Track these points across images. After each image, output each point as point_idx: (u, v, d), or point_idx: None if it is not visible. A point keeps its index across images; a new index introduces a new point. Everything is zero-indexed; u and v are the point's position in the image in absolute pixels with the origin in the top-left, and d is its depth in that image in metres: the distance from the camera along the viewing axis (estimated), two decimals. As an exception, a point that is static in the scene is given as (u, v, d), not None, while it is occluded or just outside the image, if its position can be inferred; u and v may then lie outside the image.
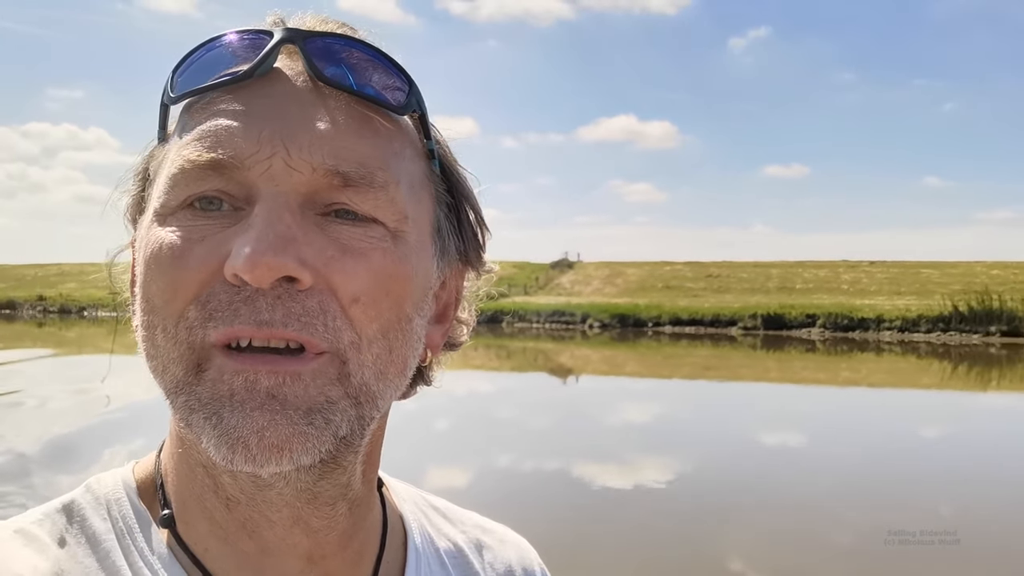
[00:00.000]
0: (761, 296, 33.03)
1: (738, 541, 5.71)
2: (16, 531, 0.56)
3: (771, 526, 6.05)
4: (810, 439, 9.96)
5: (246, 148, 0.52)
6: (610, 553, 5.16)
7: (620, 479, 7.39)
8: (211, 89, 0.54)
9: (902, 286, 35.02)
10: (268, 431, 0.49)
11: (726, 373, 17.53)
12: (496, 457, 8.31)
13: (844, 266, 40.48)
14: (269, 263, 0.49)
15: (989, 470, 7.95)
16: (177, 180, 0.53)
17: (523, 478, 7.46)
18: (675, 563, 5.20)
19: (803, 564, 5.23)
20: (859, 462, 8.25)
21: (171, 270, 0.52)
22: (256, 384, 0.50)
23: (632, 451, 8.88)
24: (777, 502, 6.67)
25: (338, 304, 0.52)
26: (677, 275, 40.39)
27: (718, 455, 8.56)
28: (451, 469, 7.72)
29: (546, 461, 8.18)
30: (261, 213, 0.51)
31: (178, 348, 0.52)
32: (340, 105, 0.55)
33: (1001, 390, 15.78)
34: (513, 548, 0.74)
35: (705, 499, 6.77)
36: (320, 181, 0.52)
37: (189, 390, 0.51)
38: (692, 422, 11.17)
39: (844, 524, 6.10)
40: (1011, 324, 22.68)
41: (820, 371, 18.51)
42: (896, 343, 23.65)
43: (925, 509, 6.46)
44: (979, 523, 6.00)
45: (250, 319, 0.50)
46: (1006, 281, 32.43)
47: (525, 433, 9.87)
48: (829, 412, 12.31)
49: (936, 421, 11.56)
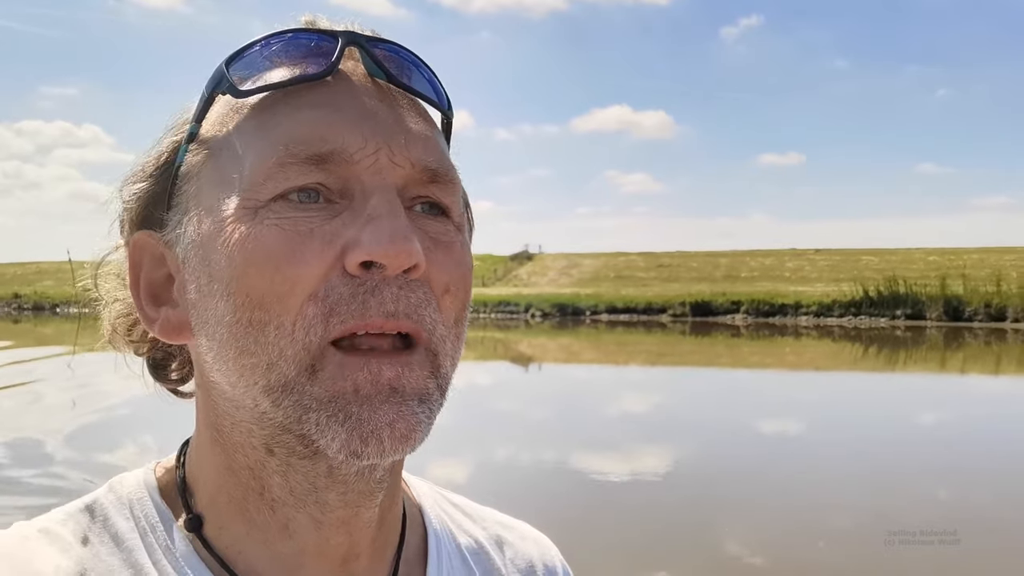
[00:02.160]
0: (707, 284, 34.13)
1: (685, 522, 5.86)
2: (40, 530, 0.56)
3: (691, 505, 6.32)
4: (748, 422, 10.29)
5: (353, 143, 0.52)
6: (574, 536, 5.02)
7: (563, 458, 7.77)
8: (286, 85, 0.55)
9: (841, 273, 36.23)
10: (398, 423, 0.51)
11: (674, 359, 18.81)
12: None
13: (790, 254, 41.61)
14: (409, 249, 0.50)
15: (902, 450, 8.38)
16: (272, 174, 0.52)
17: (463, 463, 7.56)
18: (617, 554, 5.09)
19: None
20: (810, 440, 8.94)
21: (288, 265, 0.51)
22: (380, 377, 0.51)
23: (601, 434, 9.11)
24: (713, 478, 7.03)
25: (434, 295, 0.54)
26: (630, 265, 41.57)
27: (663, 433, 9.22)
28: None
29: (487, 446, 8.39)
30: (383, 205, 0.52)
31: (293, 347, 0.51)
32: (409, 106, 0.57)
33: (908, 371, 17.04)
34: (534, 544, 0.74)
35: (648, 480, 7.06)
36: (415, 176, 0.54)
37: (301, 390, 0.51)
38: (650, 407, 11.80)
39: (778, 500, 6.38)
40: (915, 308, 23.90)
41: (767, 356, 19.72)
42: (812, 327, 24.90)
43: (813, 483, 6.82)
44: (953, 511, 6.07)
45: (379, 311, 0.51)
46: (941, 267, 33.52)
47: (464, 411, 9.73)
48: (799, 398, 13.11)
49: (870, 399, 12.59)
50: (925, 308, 23.93)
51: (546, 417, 10.56)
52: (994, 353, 18.80)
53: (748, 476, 7.13)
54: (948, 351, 19.52)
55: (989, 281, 24.48)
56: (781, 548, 5.28)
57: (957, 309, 23.42)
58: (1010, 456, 8.06)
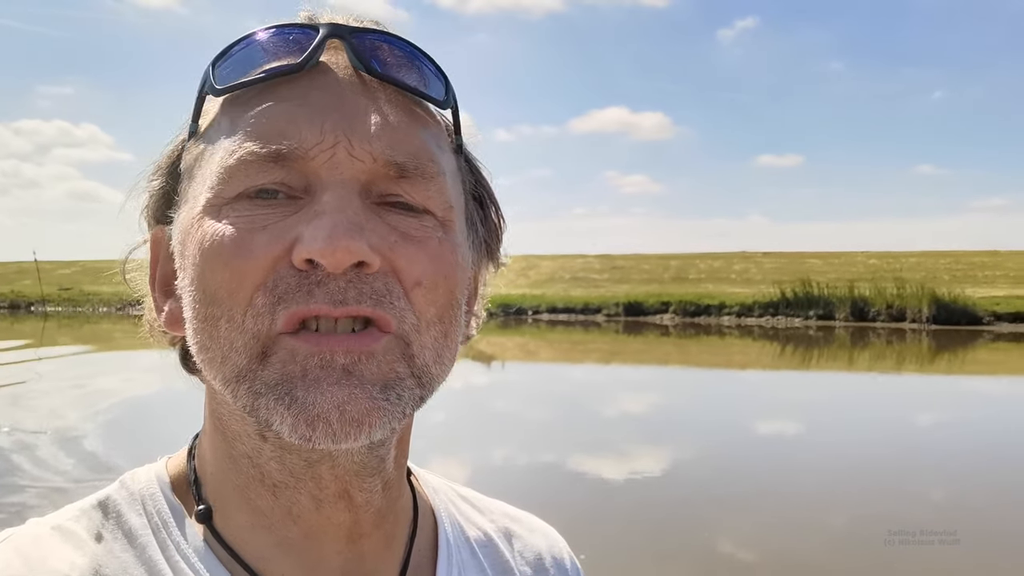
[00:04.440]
0: (656, 285, 35.54)
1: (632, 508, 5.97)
2: (54, 527, 0.56)
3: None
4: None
5: (310, 138, 0.52)
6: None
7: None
8: (259, 81, 0.54)
9: (785, 275, 37.57)
10: (349, 405, 0.50)
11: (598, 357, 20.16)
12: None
13: (738, 257, 42.91)
14: (348, 247, 0.49)
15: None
16: (234, 171, 0.53)
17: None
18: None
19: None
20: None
21: (235, 260, 0.51)
22: (332, 362, 0.50)
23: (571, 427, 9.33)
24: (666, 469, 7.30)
25: (401, 287, 0.53)
26: (586, 267, 42.86)
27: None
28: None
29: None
30: (331, 200, 0.51)
31: (243, 337, 0.51)
32: (389, 98, 0.56)
33: (821, 369, 18.38)
34: (542, 537, 0.74)
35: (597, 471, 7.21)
36: (379, 171, 0.53)
37: (253, 376, 0.51)
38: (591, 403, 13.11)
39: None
40: (826, 309, 25.29)
41: (717, 355, 21.17)
42: (734, 327, 26.25)
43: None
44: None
45: (325, 299, 0.50)
46: (879, 269, 34.71)
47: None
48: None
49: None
50: (835, 309, 25.32)
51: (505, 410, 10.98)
52: (895, 351, 20.06)
53: (721, 472, 7.29)
54: (857, 349, 20.72)
55: (918, 284, 25.82)
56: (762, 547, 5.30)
57: (862, 310, 24.81)
58: (960, 454, 8.20)
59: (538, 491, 6.31)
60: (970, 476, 7.15)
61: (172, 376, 0.66)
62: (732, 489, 6.64)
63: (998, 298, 24.28)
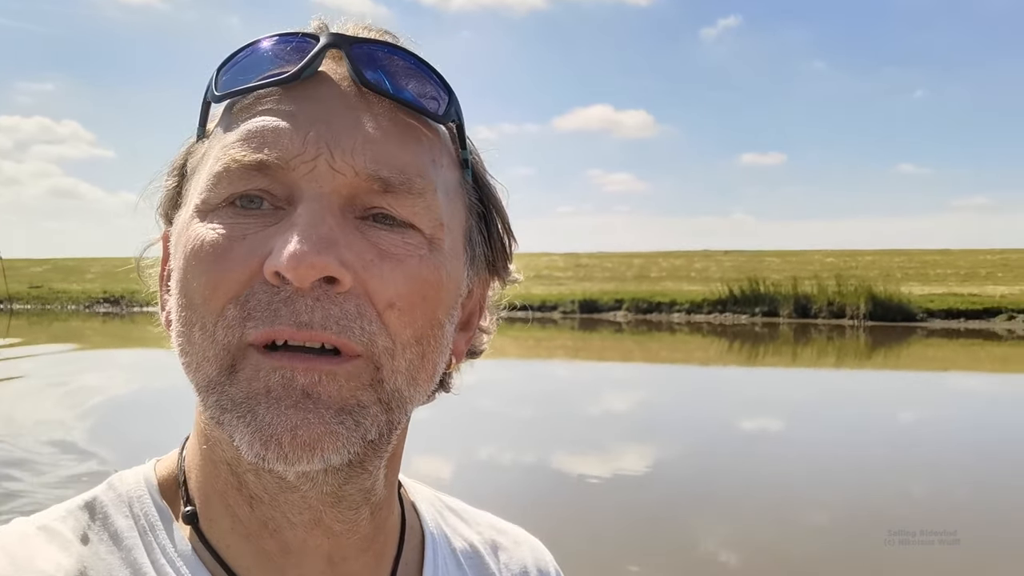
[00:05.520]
0: (617, 283, 36.20)
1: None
2: (40, 528, 0.56)
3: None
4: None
5: (291, 149, 0.52)
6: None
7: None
8: (255, 89, 0.55)
9: (744, 273, 38.18)
10: (301, 429, 0.50)
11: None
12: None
13: (699, 255, 43.72)
14: (312, 262, 0.49)
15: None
16: (220, 178, 0.53)
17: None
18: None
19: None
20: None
21: (212, 268, 0.52)
22: (293, 382, 0.50)
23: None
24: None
25: (374, 309, 0.52)
26: (550, 265, 43.40)
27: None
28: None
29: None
30: (304, 213, 0.51)
31: (214, 347, 0.52)
32: (383, 111, 0.55)
33: (767, 364, 19.01)
34: (528, 549, 0.75)
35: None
36: (361, 185, 0.53)
37: (221, 390, 0.52)
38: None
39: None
40: (771, 306, 26.02)
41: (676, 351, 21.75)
42: (684, 323, 26.96)
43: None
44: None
45: (290, 320, 0.50)
46: (835, 267, 35.35)
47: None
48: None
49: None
50: (779, 306, 26.06)
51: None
52: (836, 347, 20.71)
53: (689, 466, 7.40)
54: (800, 345, 21.33)
55: (859, 282, 26.55)
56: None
57: (805, 307, 25.55)
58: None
59: (512, 489, 6.38)
60: (913, 469, 7.32)
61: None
62: (696, 484, 6.72)
63: (933, 296, 25.07)
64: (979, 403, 11.71)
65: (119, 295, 31.22)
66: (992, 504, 6.21)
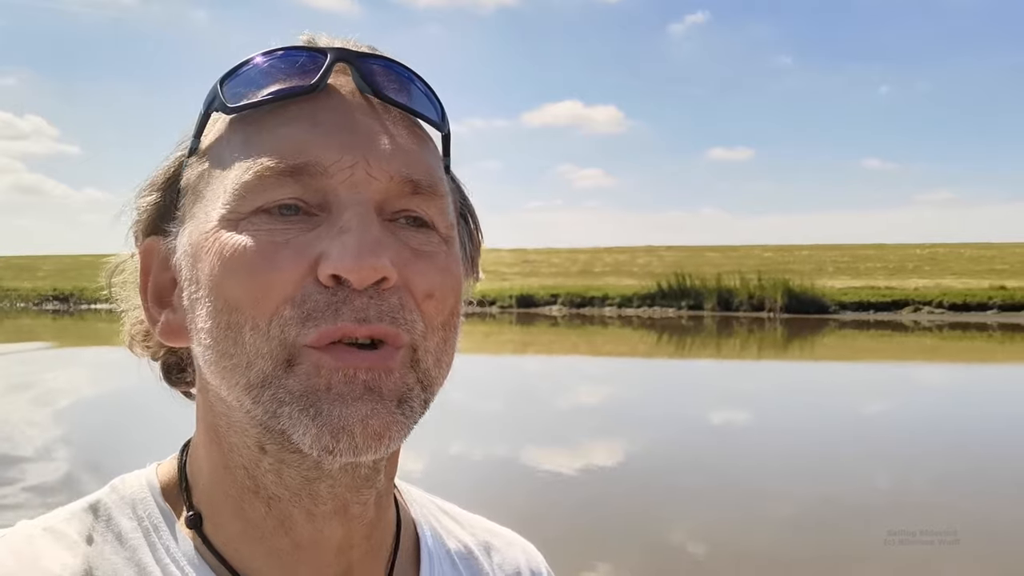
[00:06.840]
0: (562, 279, 37.05)
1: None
2: (45, 529, 0.57)
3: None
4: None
5: (328, 156, 0.55)
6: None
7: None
8: (272, 101, 0.57)
9: (685, 268, 39.06)
10: (372, 419, 0.52)
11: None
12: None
13: (643, 251, 44.66)
14: (373, 265, 0.52)
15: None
16: (251, 187, 0.55)
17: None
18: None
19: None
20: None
21: (261, 271, 0.53)
22: (355, 378, 0.53)
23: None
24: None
25: (414, 300, 0.56)
26: (499, 260, 43.94)
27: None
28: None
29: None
30: (354, 219, 0.54)
31: (269, 344, 0.53)
32: (396, 119, 0.59)
33: (695, 356, 19.83)
34: (521, 551, 0.76)
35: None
36: (394, 189, 0.56)
37: (278, 383, 0.53)
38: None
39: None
40: (696, 300, 27.02)
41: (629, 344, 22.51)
42: (615, 317, 27.90)
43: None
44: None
45: (351, 317, 0.53)
46: (774, 262, 36.26)
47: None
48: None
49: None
50: (704, 300, 27.11)
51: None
52: (756, 339, 21.60)
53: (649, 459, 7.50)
54: (722, 336, 22.13)
55: (807, 275, 27.58)
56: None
57: (728, 301, 26.61)
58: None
59: (475, 480, 6.51)
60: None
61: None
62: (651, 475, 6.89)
63: (845, 289, 26.14)
64: (897, 390, 12.12)
65: (68, 292, 31.51)
66: (933, 489, 6.50)
